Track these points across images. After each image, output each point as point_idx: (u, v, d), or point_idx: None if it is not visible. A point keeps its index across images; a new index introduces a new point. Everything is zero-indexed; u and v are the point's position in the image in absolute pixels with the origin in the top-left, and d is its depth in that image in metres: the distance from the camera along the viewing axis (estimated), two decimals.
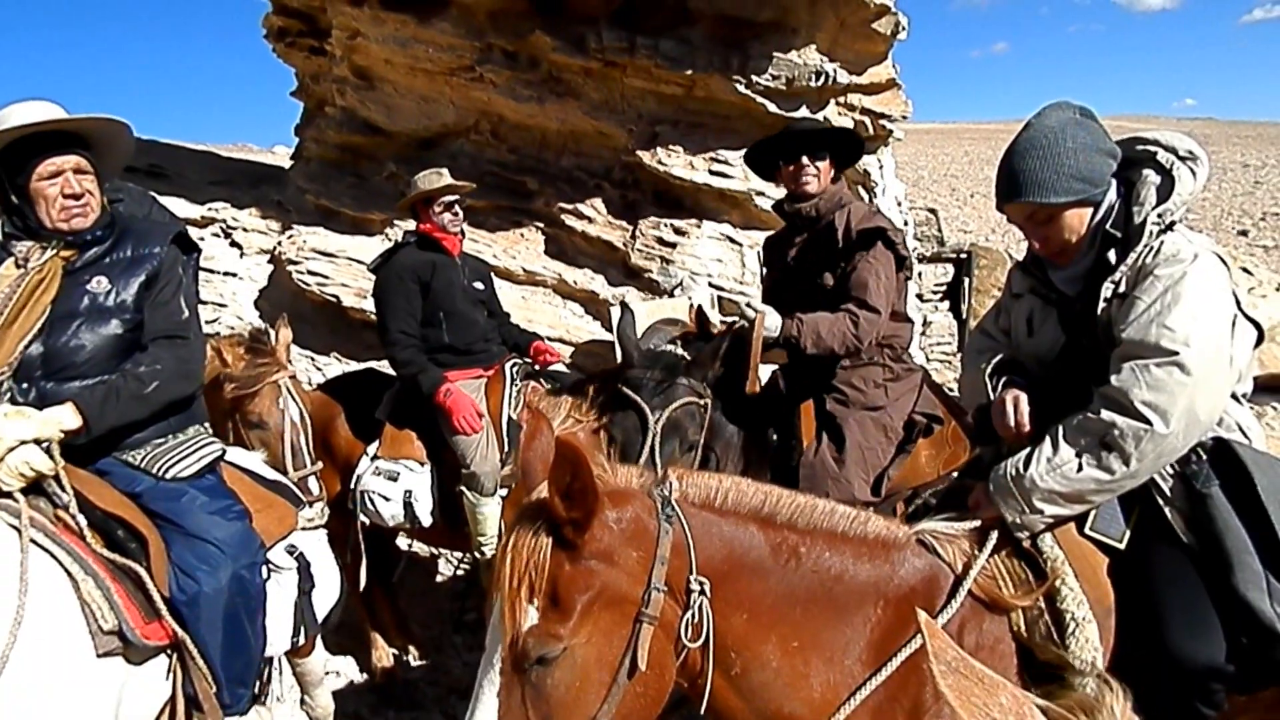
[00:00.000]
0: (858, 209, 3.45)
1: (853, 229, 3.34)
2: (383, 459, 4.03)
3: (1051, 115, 2.00)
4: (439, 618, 5.32)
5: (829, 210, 3.45)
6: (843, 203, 3.46)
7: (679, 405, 3.22)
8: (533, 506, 1.58)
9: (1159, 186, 1.96)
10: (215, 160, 12.66)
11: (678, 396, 3.23)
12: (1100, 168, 1.97)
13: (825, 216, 3.45)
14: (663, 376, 3.28)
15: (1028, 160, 1.98)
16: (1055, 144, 1.95)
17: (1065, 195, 1.97)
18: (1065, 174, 1.95)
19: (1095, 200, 1.99)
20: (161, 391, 2.44)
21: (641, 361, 3.37)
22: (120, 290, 2.46)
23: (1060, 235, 2.05)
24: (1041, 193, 1.97)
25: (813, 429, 3.38)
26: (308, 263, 7.33)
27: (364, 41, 8.15)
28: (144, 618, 2.21)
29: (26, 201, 2.39)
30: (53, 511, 2.22)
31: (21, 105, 2.42)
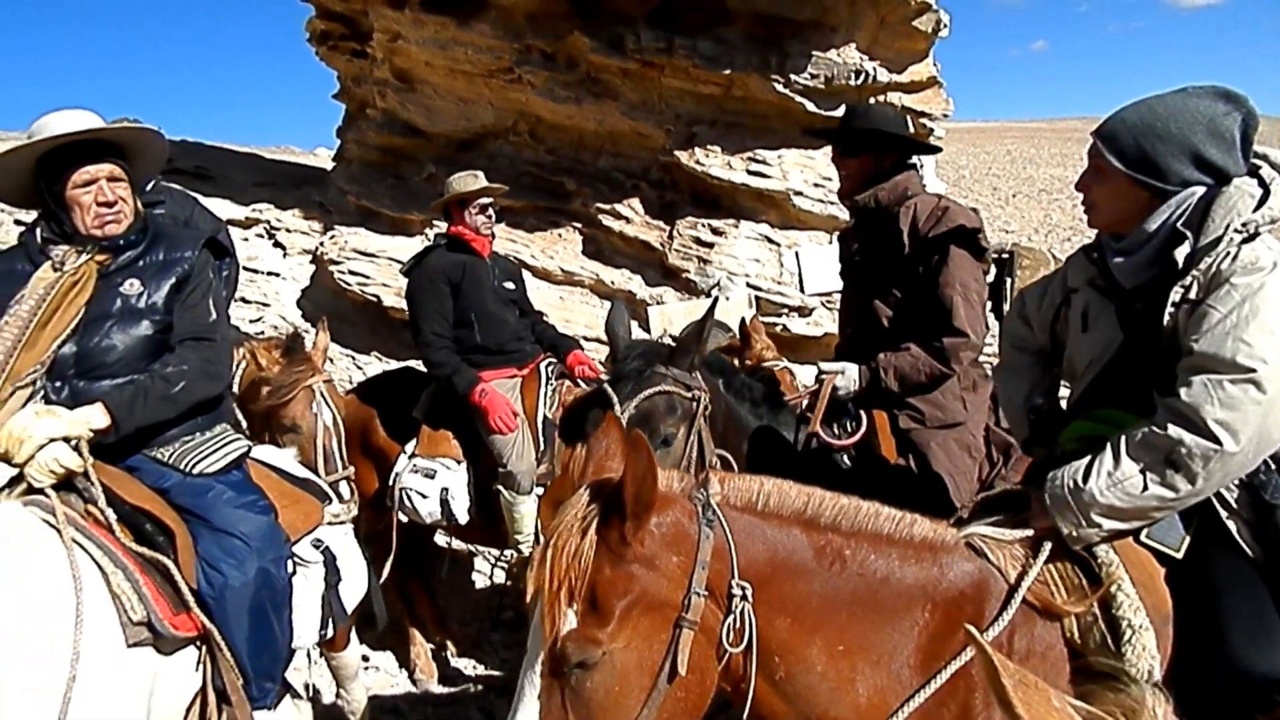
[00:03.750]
0: (925, 204, 3.03)
1: (920, 230, 2.99)
2: (420, 457, 4.06)
3: (1180, 96, 1.93)
4: (476, 614, 5.35)
5: (891, 203, 3.09)
6: (909, 195, 3.08)
7: (648, 395, 2.76)
8: (575, 507, 1.57)
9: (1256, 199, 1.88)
10: (259, 162, 12.89)
11: (648, 386, 2.78)
12: (1175, 166, 1.87)
13: (887, 210, 3.09)
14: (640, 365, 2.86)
15: (1128, 113, 1.94)
16: (1154, 118, 1.88)
17: (1122, 164, 1.91)
18: (1139, 147, 1.88)
19: (1151, 188, 1.93)
20: (188, 391, 2.48)
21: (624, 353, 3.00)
22: (151, 293, 2.51)
23: (1103, 199, 1.99)
24: (1109, 145, 1.93)
25: (892, 446, 3.07)
26: (349, 263, 7.43)
27: (404, 44, 8.24)
28: (173, 609, 2.22)
29: (63, 208, 2.45)
30: (83, 507, 2.25)
31: (59, 114, 2.48)
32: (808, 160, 7.09)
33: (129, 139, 2.55)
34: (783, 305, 6.63)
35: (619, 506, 1.50)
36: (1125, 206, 1.97)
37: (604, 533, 1.52)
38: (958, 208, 3.03)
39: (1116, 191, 1.97)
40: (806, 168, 7.04)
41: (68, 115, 2.47)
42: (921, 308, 2.97)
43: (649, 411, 2.78)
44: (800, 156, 7.07)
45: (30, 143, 2.41)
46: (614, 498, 1.52)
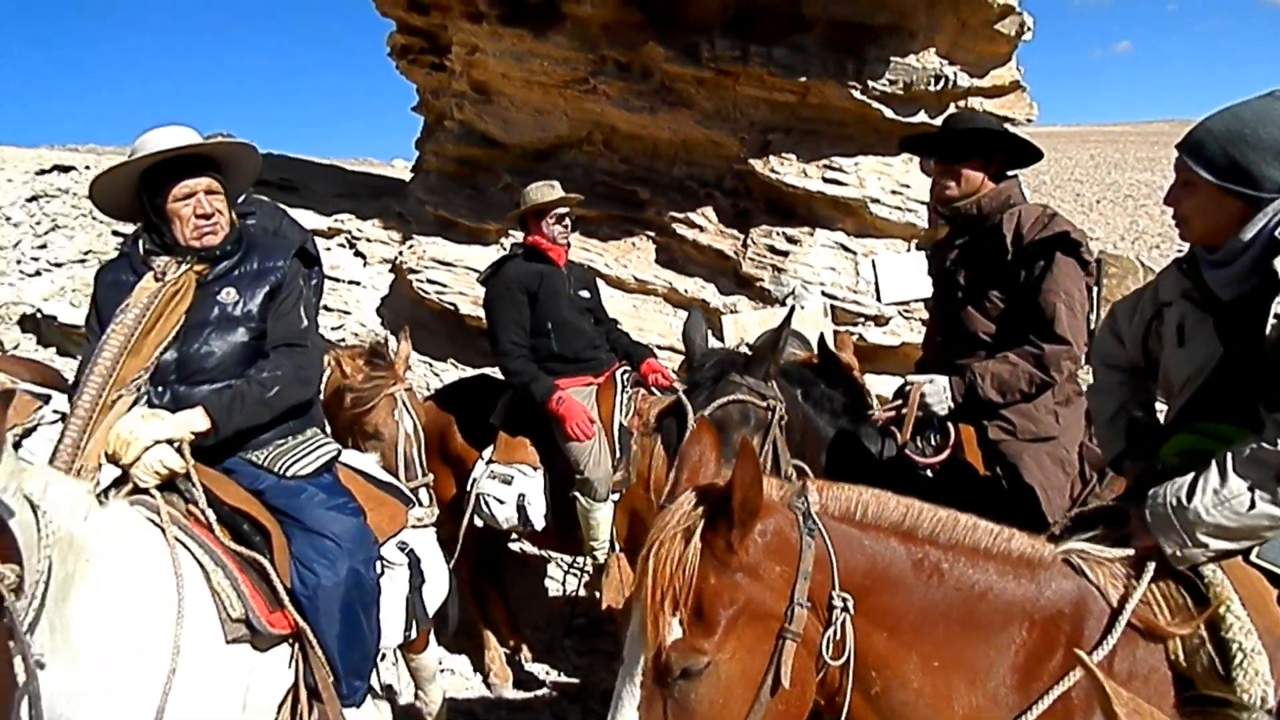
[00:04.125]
0: (1029, 212, 2.95)
1: (1025, 236, 2.89)
2: (497, 463, 4.11)
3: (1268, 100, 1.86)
4: (549, 621, 5.39)
5: (993, 211, 3.00)
6: (1011, 203, 3.00)
7: (722, 404, 2.74)
8: (676, 514, 1.56)
9: None
10: (340, 174, 13.23)
11: (722, 395, 2.76)
12: (1269, 172, 1.79)
13: (989, 218, 3.01)
14: (715, 374, 2.86)
15: (1213, 121, 1.87)
16: (1242, 125, 1.81)
17: (1211, 174, 1.84)
18: (1228, 155, 1.81)
19: (1244, 197, 1.85)
20: (282, 396, 2.56)
21: (699, 361, 3.00)
22: (247, 301, 2.60)
23: (1194, 211, 1.92)
24: (1196, 156, 1.87)
25: (979, 459, 2.97)
26: (427, 271, 7.57)
27: (482, 57, 8.39)
28: (269, 607, 2.30)
29: (164, 220, 2.55)
30: (185, 507, 2.35)
31: (159, 131, 2.59)
32: (885, 167, 6.99)
33: (225, 153, 2.66)
34: (859, 314, 6.54)
35: (726, 513, 1.49)
36: (1218, 217, 1.91)
37: (709, 540, 1.51)
38: (1063, 217, 2.94)
39: (1207, 203, 1.90)
40: (884, 175, 6.94)
41: (167, 132, 2.57)
42: (1022, 315, 2.88)
43: (722, 420, 2.75)
44: (877, 164, 6.98)
45: (133, 159, 2.52)
46: (720, 504, 1.50)
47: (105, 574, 1.98)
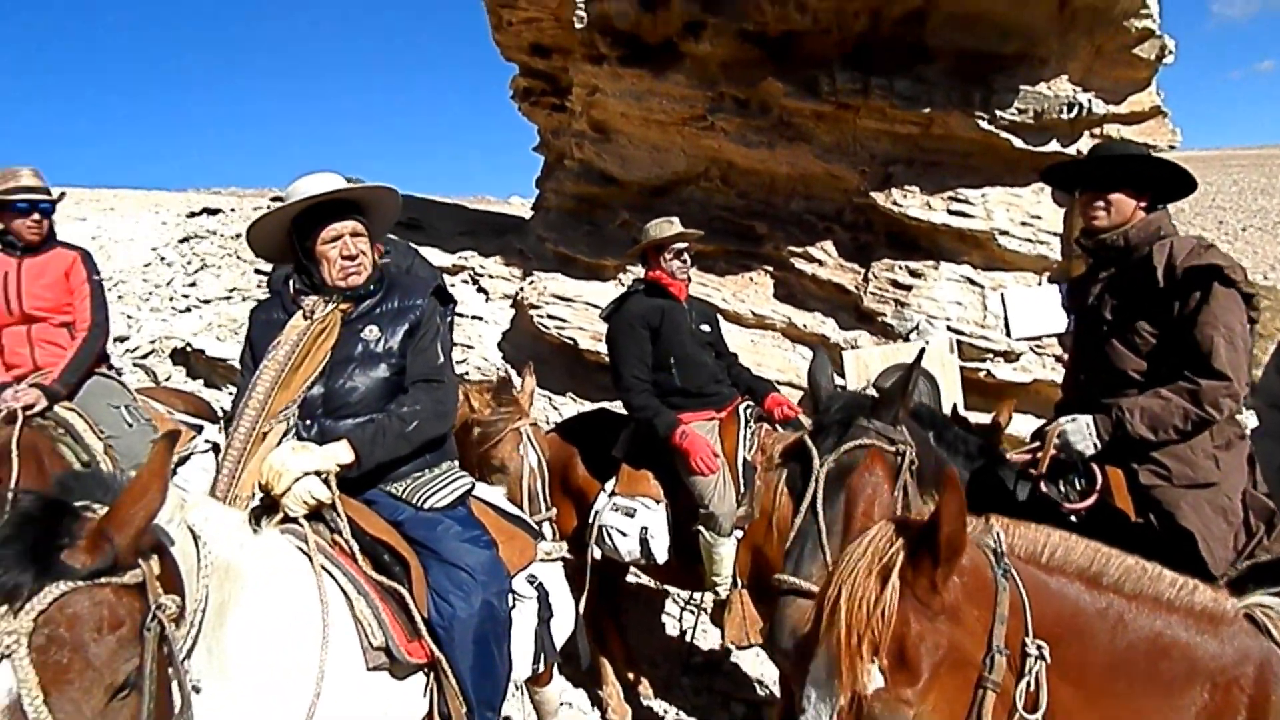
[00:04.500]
0: (1182, 244, 2.77)
1: (1177, 266, 2.72)
2: (620, 495, 4.13)
3: None
4: (666, 657, 5.34)
5: (1142, 242, 2.85)
6: (1162, 234, 2.83)
7: (850, 449, 2.60)
8: (867, 550, 1.46)
9: None
10: (463, 212, 13.73)
11: (850, 439, 2.62)
12: None
13: (1137, 250, 2.86)
14: (842, 417, 2.72)
15: None
16: None
17: None
18: None
19: None
20: (420, 430, 2.63)
21: (825, 404, 2.86)
22: (388, 338, 2.69)
23: None
24: None
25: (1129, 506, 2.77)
26: (547, 307, 7.73)
27: (602, 97, 8.57)
28: (407, 636, 2.35)
29: (313, 261, 2.68)
30: (330, 536, 2.43)
31: (309, 178, 2.72)
32: (1013, 198, 6.76)
33: (368, 197, 2.77)
34: (987, 350, 6.31)
35: (930, 550, 1.39)
36: None
37: (910, 579, 1.40)
38: (1218, 248, 2.75)
39: None
40: (1012, 206, 6.71)
41: (317, 178, 2.70)
42: (1175, 350, 2.70)
43: (849, 466, 2.62)
44: (1006, 194, 6.76)
45: (286, 205, 2.65)
46: (922, 540, 1.40)
47: (258, 600, 2.05)
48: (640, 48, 8.19)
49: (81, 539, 1.53)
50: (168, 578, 1.68)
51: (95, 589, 1.50)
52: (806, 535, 2.45)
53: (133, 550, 1.57)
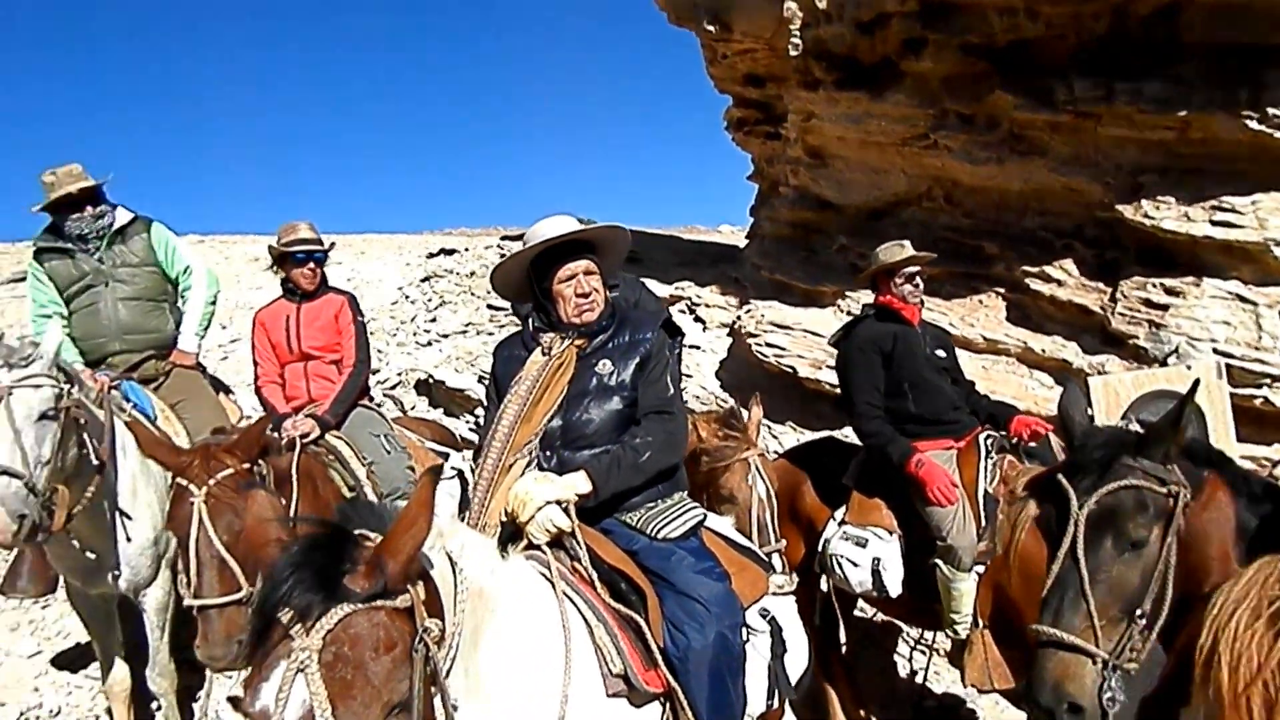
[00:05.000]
0: None
1: None
2: (850, 524, 4.01)
3: None
4: (896, 699, 5.11)
5: None
6: None
7: (1112, 490, 2.35)
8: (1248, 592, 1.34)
9: None
10: (678, 243, 13.99)
11: (1113, 479, 2.37)
12: None
13: None
14: (1103, 455, 2.47)
15: None
16: None
17: None
18: None
19: None
20: (653, 461, 2.68)
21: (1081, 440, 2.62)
22: (620, 371, 2.76)
23: None
24: None
25: None
26: (765, 335, 7.69)
27: (818, 122, 8.49)
28: (644, 665, 2.37)
29: (550, 300, 2.82)
30: (570, 564, 2.51)
31: (546, 221, 2.87)
32: None
33: (600, 237, 2.87)
34: (1263, 374, 5.60)
35: None
36: None
37: None
38: None
39: None
40: None
41: (553, 221, 2.84)
42: None
43: (1113, 508, 2.37)
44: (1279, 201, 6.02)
45: (525, 249, 2.80)
46: None
47: (508, 624, 2.13)
48: (857, 70, 8.04)
49: (360, 565, 1.64)
50: (431, 602, 1.78)
51: (373, 611, 1.61)
52: (1066, 583, 2.25)
53: (403, 576, 1.68)
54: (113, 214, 4.36)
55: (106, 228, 4.32)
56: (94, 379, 3.88)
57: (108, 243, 4.31)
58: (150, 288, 4.41)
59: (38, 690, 4.60)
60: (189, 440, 3.93)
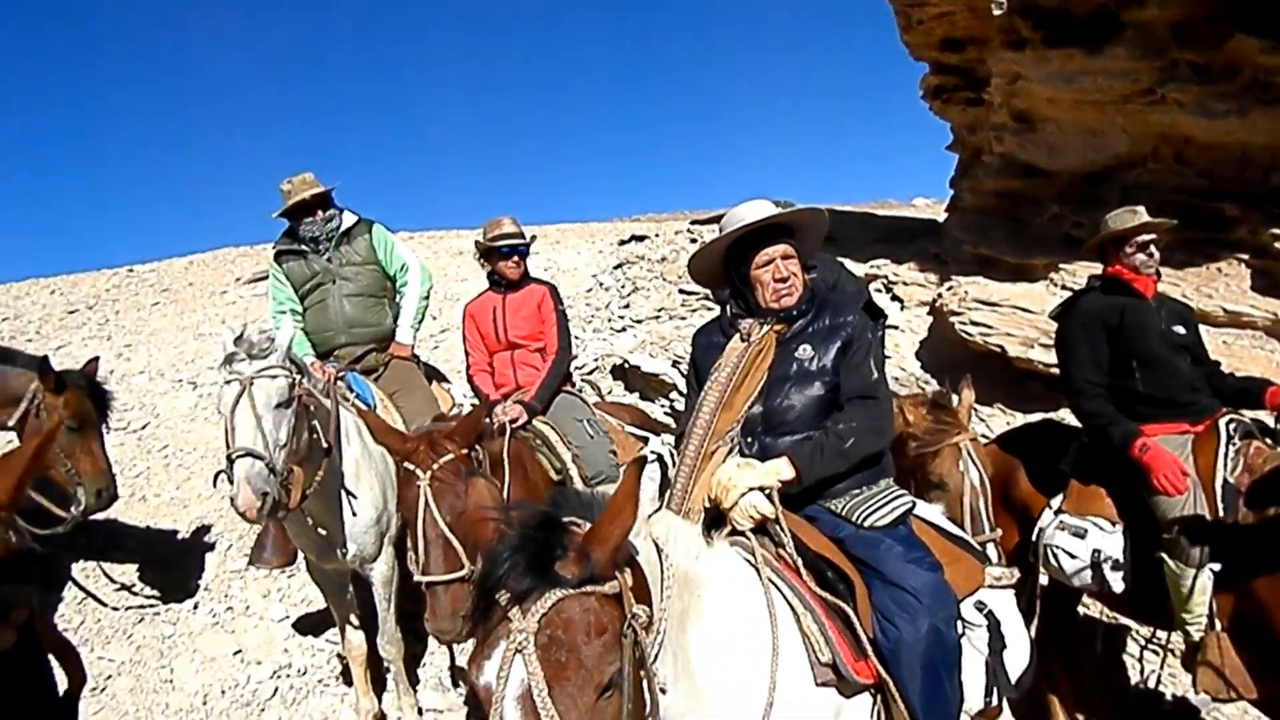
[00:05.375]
0: None
1: None
2: (1068, 514, 3.75)
3: None
4: (1126, 703, 4.74)
5: None
6: None
7: None
8: None
9: None
10: (872, 220, 13.55)
11: None
12: None
13: None
14: None
15: None
16: None
17: None
18: None
19: None
20: (857, 447, 2.62)
21: None
22: (821, 356, 2.71)
23: None
24: None
25: None
26: (969, 313, 7.31)
27: (1025, 84, 7.95)
28: (853, 655, 2.32)
29: (747, 286, 2.80)
30: (775, 550, 2.49)
31: (743, 206, 2.84)
32: None
33: (797, 220, 2.82)
34: None
35: None
36: None
37: None
38: None
39: None
40: None
41: (750, 206, 2.81)
42: None
43: None
44: None
45: (722, 235, 2.80)
46: None
47: (714, 608, 2.15)
48: (1068, 24, 7.46)
49: (570, 552, 1.70)
50: (638, 588, 1.83)
51: (583, 597, 1.67)
52: None
53: (610, 563, 1.73)
54: (340, 217, 4.74)
55: (335, 230, 4.69)
56: (322, 370, 4.23)
57: (335, 244, 4.68)
58: (372, 285, 4.75)
59: (287, 651, 5.09)
60: (405, 426, 4.21)
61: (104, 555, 5.81)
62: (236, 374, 3.48)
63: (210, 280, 14.87)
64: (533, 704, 1.56)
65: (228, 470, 3.40)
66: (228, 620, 5.32)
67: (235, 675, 4.86)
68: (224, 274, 15.25)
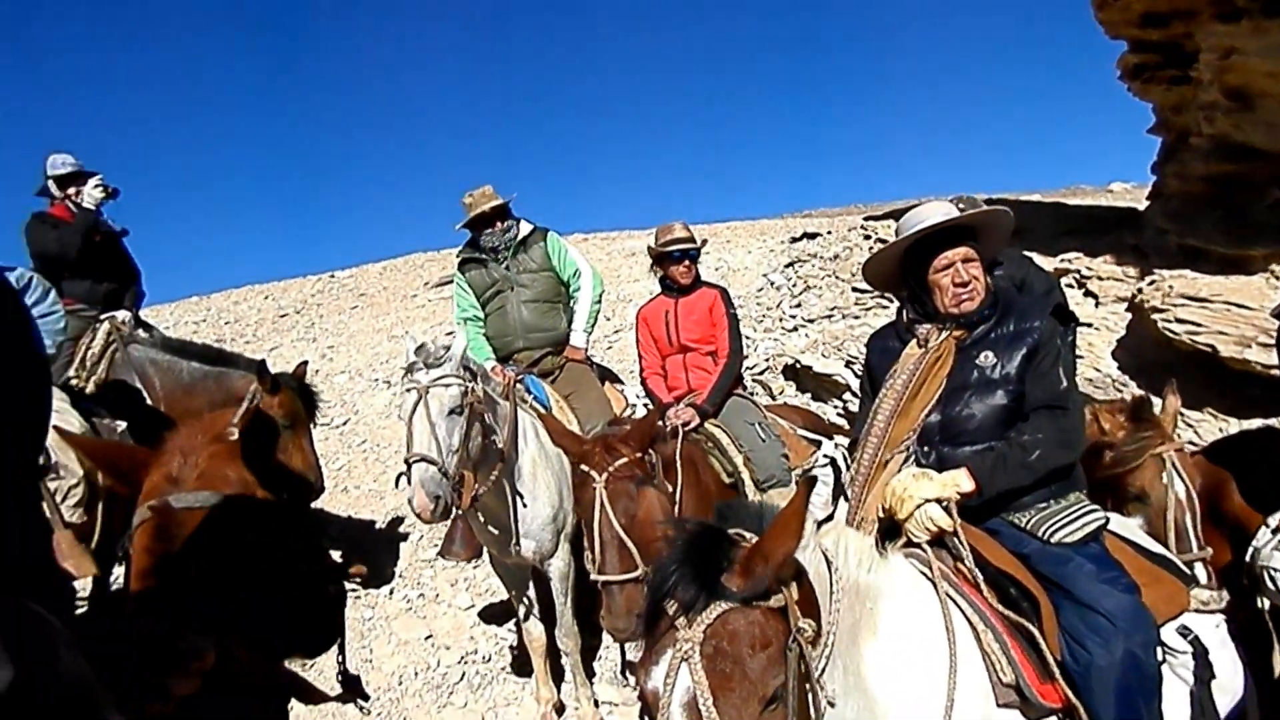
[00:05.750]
0: None
1: None
2: None
3: None
4: None
5: None
6: None
7: None
8: None
9: None
10: (1062, 210, 12.74)
11: None
12: None
13: None
14: None
15: None
16: None
17: None
18: None
19: None
20: (1043, 460, 2.50)
21: None
22: (1004, 363, 2.61)
23: None
24: None
25: None
26: (1175, 310, 6.75)
27: (1240, 58, 7.26)
28: (1039, 677, 2.23)
29: (925, 290, 2.73)
30: (953, 564, 2.42)
31: (925, 207, 2.78)
32: None
33: (979, 221, 2.75)
34: None
35: None
36: None
37: None
38: None
39: None
40: None
41: (929, 208, 2.76)
42: None
43: None
44: None
45: (901, 239, 2.74)
46: None
47: (888, 622, 2.12)
48: None
49: (737, 565, 1.73)
50: (805, 602, 1.82)
51: (748, 610, 1.69)
52: None
53: (776, 579, 1.74)
54: (517, 227, 4.95)
55: (512, 239, 4.90)
56: (501, 374, 4.44)
57: (513, 252, 4.89)
58: (547, 290, 4.93)
59: (473, 638, 5.38)
60: (579, 426, 4.35)
61: None
62: (414, 382, 3.73)
63: (401, 285, 15.87)
64: (698, 712, 1.60)
65: (406, 473, 3.64)
66: (420, 606, 5.67)
67: (427, 659, 5.18)
68: (414, 278, 16.24)
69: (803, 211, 24.62)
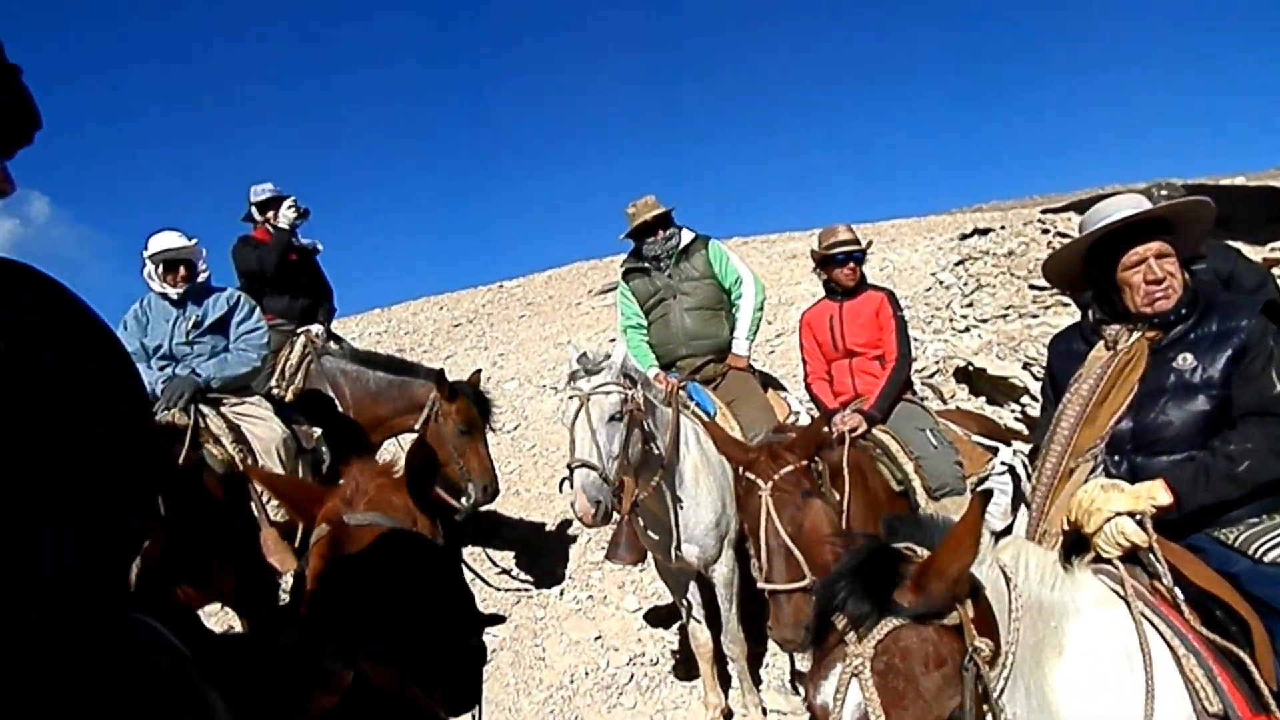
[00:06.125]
0: None
1: None
2: None
3: None
4: None
5: None
6: None
7: None
8: None
9: None
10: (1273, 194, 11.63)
11: None
12: None
13: None
14: None
15: None
16: None
17: None
18: None
19: None
20: (1253, 471, 2.30)
21: None
22: (1206, 366, 2.42)
23: None
24: None
25: None
26: None
27: None
28: (1250, 708, 2.03)
29: (1114, 289, 2.57)
30: (1149, 582, 2.25)
31: (1112, 199, 2.61)
32: None
33: (1176, 213, 2.56)
34: None
35: None
36: None
37: None
38: None
39: None
40: None
41: (1118, 201, 2.61)
42: None
43: None
44: None
45: (1086, 234, 2.60)
46: None
47: (1076, 642, 2.01)
48: None
49: (907, 580, 1.68)
50: (981, 620, 1.75)
51: (921, 628, 1.64)
52: None
53: (949, 596, 1.68)
54: (679, 235, 5.00)
55: (674, 248, 4.96)
56: (664, 381, 4.49)
57: (675, 260, 4.95)
58: (709, 298, 4.96)
59: (640, 640, 5.47)
60: (742, 433, 4.34)
61: (487, 542, 6.62)
62: (577, 390, 3.84)
63: (566, 293, 16.35)
64: None
65: (569, 478, 3.75)
66: (589, 608, 5.82)
67: (597, 659, 5.31)
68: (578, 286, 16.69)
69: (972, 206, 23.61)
